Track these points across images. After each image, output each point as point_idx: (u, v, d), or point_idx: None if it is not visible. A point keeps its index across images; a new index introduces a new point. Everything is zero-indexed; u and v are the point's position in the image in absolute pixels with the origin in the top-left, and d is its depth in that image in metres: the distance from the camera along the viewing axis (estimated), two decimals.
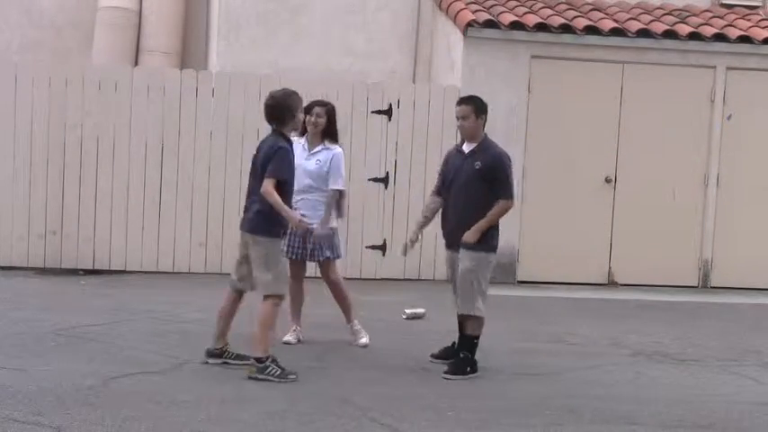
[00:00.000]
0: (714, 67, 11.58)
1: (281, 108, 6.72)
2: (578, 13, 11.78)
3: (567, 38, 11.31)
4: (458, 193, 7.04)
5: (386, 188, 11.19)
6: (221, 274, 9.36)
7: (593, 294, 10.92)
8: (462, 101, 7.23)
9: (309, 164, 7.53)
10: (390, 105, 11.15)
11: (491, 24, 11.22)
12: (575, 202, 11.42)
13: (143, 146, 10.75)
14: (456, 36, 11.49)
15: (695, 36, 11.49)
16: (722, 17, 12.25)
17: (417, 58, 12.74)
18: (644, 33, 11.44)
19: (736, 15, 12.41)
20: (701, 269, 11.71)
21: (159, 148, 10.78)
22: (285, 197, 6.63)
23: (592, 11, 12.03)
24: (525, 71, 11.30)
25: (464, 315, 7.03)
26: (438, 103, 11.13)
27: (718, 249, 11.67)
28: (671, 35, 11.46)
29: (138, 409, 5.67)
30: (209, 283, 9.82)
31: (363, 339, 7.71)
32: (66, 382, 6.14)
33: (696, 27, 11.65)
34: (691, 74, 11.57)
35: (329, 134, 7.66)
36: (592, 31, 11.35)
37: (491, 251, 7.02)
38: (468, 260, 6.92)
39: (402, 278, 11.09)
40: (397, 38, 12.67)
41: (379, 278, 11.08)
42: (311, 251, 7.58)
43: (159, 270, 10.78)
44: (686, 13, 12.20)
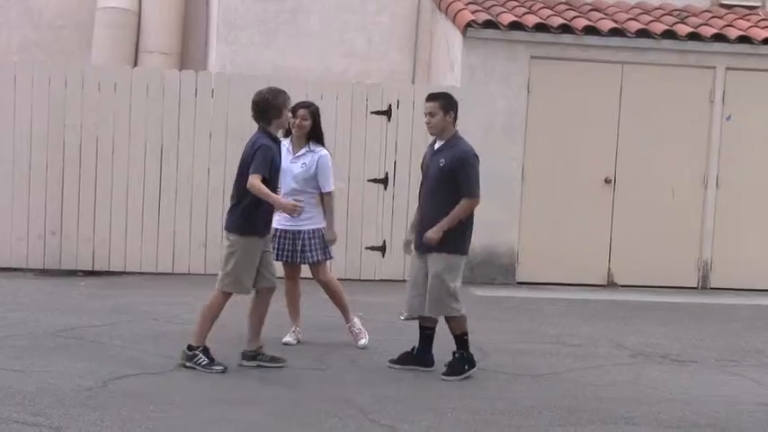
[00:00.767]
0: (713, 68, 11.57)
1: (266, 106, 6.73)
2: (578, 14, 11.77)
3: (567, 38, 11.31)
4: (427, 192, 6.97)
5: (385, 189, 11.18)
6: None
7: (592, 295, 10.91)
8: (430, 97, 7.07)
9: (295, 167, 7.46)
10: (390, 106, 11.14)
11: (490, 25, 11.22)
12: (574, 202, 11.41)
13: (142, 146, 10.74)
14: (455, 36, 11.49)
15: (695, 36, 11.49)
16: (721, 17, 12.24)
17: (417, 59, 12.75)
18: (643, 34, 11.44)
19: (735, 15, 12.40)
20: (700, 270, 11.70)
21: (159, 149, 10.77)
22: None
23: (591, 11, 12.03)
24: (524, 71, 11.29)
25: (434, 318, 6.90)
26: None
27: (718, 250, 11.65)
28: (670, 35, 11.46)
29: (138, 409, 5.67)
30: (209, 283, 9.71)
31: (363, 341, 7.69)
32: (66, 383, 6.14)
33: (695, 27, 11.64)
34: (690, 74, 11.57)
35: (314, 136, 7.58)
36: (591, 31, 11.35)
37: (460, 253, 6.84)
38: (437, 265, 6.77)
39: (401, 279, 11.02)
40: (396, 38, 12.67)
41: (378, 279, 11.08)
42: (301, 253, 7.51)
43: (159, 271, 10.76)
44: (685, 14, 12.19)
